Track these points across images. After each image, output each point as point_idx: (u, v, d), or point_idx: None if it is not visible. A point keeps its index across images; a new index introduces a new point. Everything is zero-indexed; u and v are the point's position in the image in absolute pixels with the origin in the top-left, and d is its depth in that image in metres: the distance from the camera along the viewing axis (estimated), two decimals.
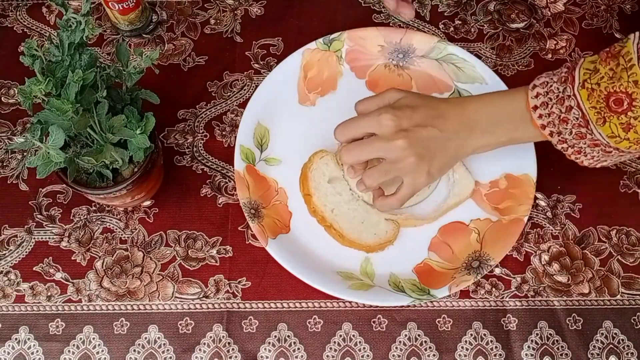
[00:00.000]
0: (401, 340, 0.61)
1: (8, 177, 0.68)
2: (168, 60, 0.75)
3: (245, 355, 0.61)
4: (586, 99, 0.50)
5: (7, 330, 0.62)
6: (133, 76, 0.59)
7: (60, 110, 0.51)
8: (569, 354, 0.60)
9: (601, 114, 0.50)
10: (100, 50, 0.75)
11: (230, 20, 0.77)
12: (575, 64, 0.53)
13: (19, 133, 0.71)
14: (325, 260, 0.63)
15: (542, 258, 0.64)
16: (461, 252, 0.63)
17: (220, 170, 0.69)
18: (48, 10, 0.78)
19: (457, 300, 0.63)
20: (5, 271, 0.64)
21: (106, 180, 0.59)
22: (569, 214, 0.66)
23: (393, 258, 0.63)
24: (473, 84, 0.71)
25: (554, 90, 0.53)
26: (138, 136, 0.56)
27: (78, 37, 0.54)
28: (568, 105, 0.52)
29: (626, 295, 0.63)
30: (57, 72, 0.53)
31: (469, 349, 0.61)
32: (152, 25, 0.76)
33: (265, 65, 0.74)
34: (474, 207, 0.66)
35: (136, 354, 0.61)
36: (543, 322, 0.62)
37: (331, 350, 0.61)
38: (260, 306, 0.63)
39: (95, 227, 0.66)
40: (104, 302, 0.63)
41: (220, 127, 0.71)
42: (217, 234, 0.66)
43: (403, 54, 0.73)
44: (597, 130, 0.51)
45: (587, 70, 0.51)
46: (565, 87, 0.52)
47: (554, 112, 0.53)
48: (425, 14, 0.78)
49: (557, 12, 0.78)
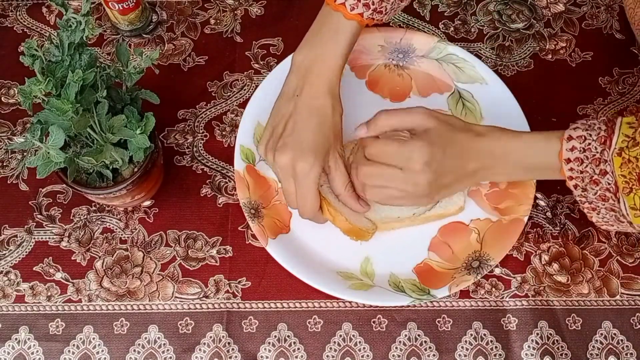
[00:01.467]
0: (401, 340, 0.61)
1: (8, 177, 0.68)
2: (168, 60, 0.75)
3: (245, 355, 0.61)
4: (619, 166, 0.49)
5: (7, 330, 0.62)
6: (133, 76, 0.59)
7: (60, 110, 0.51)
8: (569, 354, 0.60)
9: (629, 184, 0.49)
10: (100, 50, 0.75)
11: (230, 20, 0.77)
12: (613, 122, 0.51)
13: (19, 133, 0.71)
14: (325, 260, 0.63)
15: (542, 258, 0.64)
16: (461, 252, 0.63)
17: (220, 170, 0.69)
18: (48, 10, 0.78)
19: (457, 300, 0.63)
20: (5, 271, 0.64)
21: (106, 180, 0.59)
22: (569, 214, 0.66)
23: (393, 258, 0.63)
24: (473, 84, 0.71)
25: (592, 150, 0.51)
26: (138, 136, 0.56)
27: (78, 37, 0.54)
28: (603, 169, 0.50)
29: (625, 296, 0.63)
30: (57, 72, 0.53)
31: (469, 349, 0.61)
32: (152, 25, 0.76)
33: (265, 65, 0.74)
34: (474, 207, 0.66)
35: (136, 354, 0.61)
36: (543, 322, 0.62)
37: (331, 350, 0.61)
38: (260, 306, 0.63)
39: (95, 227, 0.66)
40: (104, 302, 0.63)
41: (220, 127, 0.71)
42: (217, 234, 0.66)
43: (403, 54, 0.73)
44: (622, 198, 0.50)
45: (625, 137, 0.50)
46: (603, 149, 0.50)
47: (586, 172, 0.51)
48: (425, 14, 0.78)
49: (557, 12, 0.78)
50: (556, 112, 0.71)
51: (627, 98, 0.73)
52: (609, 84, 0.73)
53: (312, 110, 0.58)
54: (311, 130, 0.58)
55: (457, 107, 0.71)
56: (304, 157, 0.56)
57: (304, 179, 0.57)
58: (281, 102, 0.60)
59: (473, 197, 0.66)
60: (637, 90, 0.73)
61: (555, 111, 0.71)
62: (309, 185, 0.57)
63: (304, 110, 0.58)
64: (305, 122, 0.58)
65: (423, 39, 0.72)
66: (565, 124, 0.70)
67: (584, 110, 0.72)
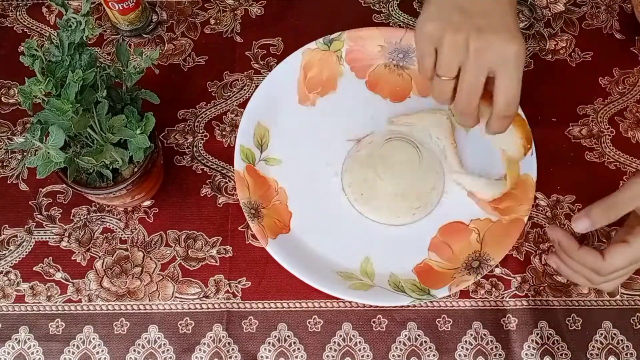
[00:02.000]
0: (401, 340, 0.61)
1: (8, 177, 0.68)
2: (168, 60, 0.75)
3: (245, 355, 0.61)
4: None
5: (7, 330, 0.62)
6: (133, 76, 0.59)
7: (60, 110, 0.51)
8: (569, 354, 0.60)
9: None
10: (100, 50, 0.75)
11: (230, 20, 0.77)
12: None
13: (19, 133, 0.71)
14: (325, 260, 0.63)
15: (542, 258, 0.64)
16: (461, 252, 0.63)
17: (220, 170, 0.69)
18: (48, 10, 0.78)
19: (457, 300, 0.63)
20: (5, 271, 0.64)
21: (106, 180, 0.59)
22: (569, 214, 0.66)
23: (393, 258, 0.63)
24: None
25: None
26: (138, 136, 0.56)
27: (78, 37, 0.54)
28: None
29: (625, 296, 0.63)
30: (57, 72, 0.53)
31: (469, 349, 0.61)
32: (152, 25, 0.76)
33: (265, 65, 0.74)
34: (474, 207, 0.66)
35: (136, 354, 0.61)
36: (543, 322, 0.62)
37: (331, 350, 0.61)
38: (260, 306, 0.63)
39: (95, 227, 0.66)
40: (104, 302, 0.63)
41: (220, 127, 0.71)
42: (217, 234, 0.66)
43: (403, 54, 0.73)
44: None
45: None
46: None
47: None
48: None
49: (557, 12, 0.78)
50: (556, 112, 0.71)
51: (627, 98, 0.73)
52: (609, 84, 0.73)
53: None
54: (507, 5, 0.49)
55: None
56: (519, 37, 0.48)
57: (514, 66, 0.48)
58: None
59: (473, 197, 0.66)
60: (637, 90, 0.73)
61: (555, 111, 0.72)
62: (520, 74, 0.48)
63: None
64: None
65: None
66: (566, 124, 0.71)
67: (584, 110, 0.72)
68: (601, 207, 0.50)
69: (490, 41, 0.48)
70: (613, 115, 0.72)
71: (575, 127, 0.71)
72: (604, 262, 0.50)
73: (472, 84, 0.49)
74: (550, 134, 0.70)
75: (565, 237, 0.53)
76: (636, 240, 0.50)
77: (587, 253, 0.52)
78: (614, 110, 0.72)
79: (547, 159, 0.66)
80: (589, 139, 0.70)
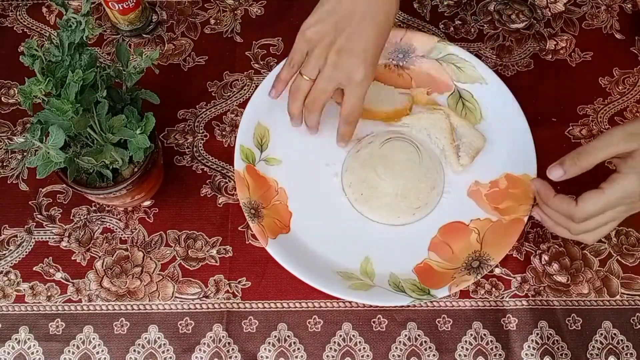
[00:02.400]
0: (401, 340, 0.61)
1: (8, 177, 0.68)
2: (168, 60, 0.75)
3: (245, 355, 0.61)
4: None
5: (7, 330, 0.62)
6: (133, 76, 0.59)
7: (60, 110, 0.51)
8: (569, 354, 0.60)
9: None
10: (100, 50, 0.75)
11: (230, 20, 0.77)
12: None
13: (19, 133, 0.71)
14: (325, 260, 0.63)
15: (542, 258, 0.64)
16: (461, 252, 0.63)
17: (220, 170, 0.69)
18: (48, 10, 0.78)
19: (457, 300, 0.63)
20: (5, 271, 0.64)
21: (106, 180, 0.59)
22: None
23: (393, 258, 0.63)
24: (473, 84, 0.71)
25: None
26: (138, 136, 0.56)
27: (78, 37, 0.54)
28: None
29: (625, 296, 0.63)
30: (57, 72, 0.53)
31: (469, 349, 0.61)
32: (152, 25, 0.76)
33: (265, 65, 0.74)
34: (474, 207, 0.66)
35: (136, 354, 0.61)
36: (543, 322, 0.62)
37: (331, 350, 0.61)
38: (260, 306, 0.63)
39: (95, 227, 0.66)
40: (104, 302, 0.63)
41: (220, 127, 0.71)
42: (217, 234, 0.66)
43: (403, 54, 0.73)
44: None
45: None
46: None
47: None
48: (425, 14, 0.78)
49: (557, 12, 0.78)
50: (556, 112, 0.72)
51: (627, 98, 0.73)
52: (609, 84, 0.73)
53: (374, 17, 0.58)
54: (372, 40, 0.59)
55: (457, 107, 0.71)
56: (366, 67, 0.58)
57: (357, 88, 0.59)
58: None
59: (473, 197, 0.66)
60: (637, 90, 0.73)
61: (555, 111, 0.72)
62: (361, 96, 0.60)
63: (368, 14, 0.58)
64: (368, 30, 0.58)
65: (423, 39, 0.72)
66: (566, 124, 0.71)
67: (584, 110, 0.72)
68: (572, 156, 0.54)
69: (343, 61, 0.58)
70: (613, 115, 0.72)
71: (575, 127, 0.71)
72: (576, 207, 0.53)
73: (322, 88, 0.60)
74: (550, 134, 0.70)
75: (543, 186, 0.58)
76: (609, 187, 0.53)
77: (561, 200, 0.55)
78: (614, 110, 0.72)
79: (547, 159, 0.66)
80: (589, 139, 0.70)
